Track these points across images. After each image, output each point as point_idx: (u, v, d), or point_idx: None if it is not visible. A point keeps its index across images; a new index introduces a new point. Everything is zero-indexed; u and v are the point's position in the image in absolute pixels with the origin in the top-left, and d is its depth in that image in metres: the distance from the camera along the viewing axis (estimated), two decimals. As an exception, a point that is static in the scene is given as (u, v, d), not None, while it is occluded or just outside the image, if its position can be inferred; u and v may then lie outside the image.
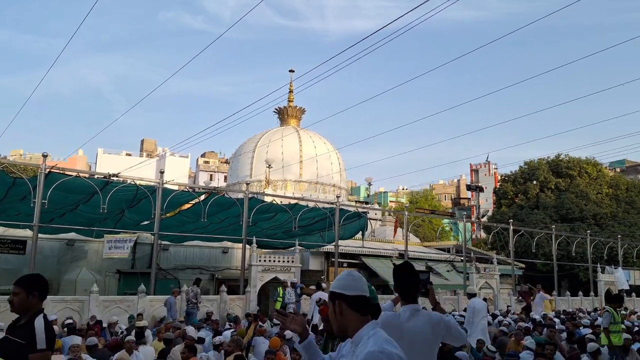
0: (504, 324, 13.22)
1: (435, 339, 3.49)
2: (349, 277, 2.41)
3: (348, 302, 2.32)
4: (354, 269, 2.45)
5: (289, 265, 17.10)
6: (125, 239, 14.75)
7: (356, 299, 2.33)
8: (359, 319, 2.32)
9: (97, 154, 65.10)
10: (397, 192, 79.77)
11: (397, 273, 3.56)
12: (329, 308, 2.40)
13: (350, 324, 2.32)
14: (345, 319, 2.33)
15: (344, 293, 2.34)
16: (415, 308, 3.47)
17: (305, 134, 34.36)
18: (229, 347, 7.89)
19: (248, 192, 17.26)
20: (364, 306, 2.35)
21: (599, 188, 37.63)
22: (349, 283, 2.38)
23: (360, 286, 2.37)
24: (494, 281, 22.47)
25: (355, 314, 2.32)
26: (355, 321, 2.32)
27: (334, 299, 2.37)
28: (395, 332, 3.31)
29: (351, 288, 2.35)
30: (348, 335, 2.33)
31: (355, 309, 2.32)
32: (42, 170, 13.13)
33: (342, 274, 2.46)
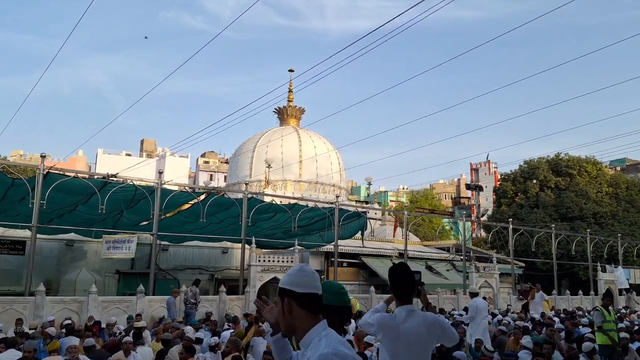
0: (503, 323, 13.20)
1: (430, 340, 3.49)
2: (300, 273, 2.21)
3: (298, 300, 2.14)
4: (306, 264, 2.29)
5: (289, 265, 17.08)
6: (125, 239, 14.74)
7: (307, 297, 2.15)
8: (310, 318, 2.14)
9: (97, 154, 65.10)
10: (397, 192, 79.79)
11: (392, 273, 3.55)
12: (277, 306, 2.23)
13: (299, 323, 2.14)
14: (294, 319, 2.15)
15: (294, 290, 2.16)
16: (410, 309, 3.47)
17: (304, 134, 34.34)
18: (227, 348, 7.88)
19: (247, 192, 17.25)
20: (316, 305, 2.17)
21: (599, 187, 37.59)
22: (299, 279, 2.19)
23: (312, 283, 2.19)
24: (494, 280, 22.47)
25: (305, 313, 2.13)
26: (305, 321, 2.13)
27: (283, 295, 2.19)
28: (391, 333, 3.32)
29: (302, 285, 2.16)
30: (296, 337, 2.18)
31: (305, 307, 2.14)
32: (41, 170, 13.13)
33: (293, 269, 2.26)
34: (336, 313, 2.31)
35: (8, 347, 7.18)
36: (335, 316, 2.30)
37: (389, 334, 3.34)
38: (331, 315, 2.26)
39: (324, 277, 23.51)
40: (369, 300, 18.61)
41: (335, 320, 2.29)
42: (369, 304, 18.38)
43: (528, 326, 13.05)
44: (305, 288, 2.16)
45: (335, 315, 2.29)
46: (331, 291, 2.38)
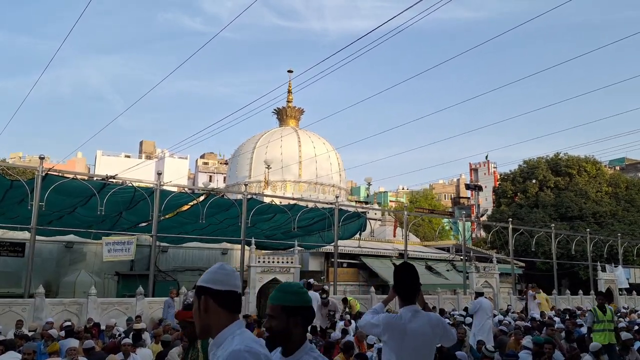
0: (504, 323, 13.18)
1: (434, 340, 3.50)
2: (220, 271, 2.13)
3: (216, 298, 2.06)
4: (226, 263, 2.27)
5: (289, 266, 17.04)
6: (124, 240, 14.71)
7: (226, 295, 2.06)
8: (226, 317, 2.06)
9: (96, 155, 65.07)
10: (397, 192, 79.76)
11: (397, 274, 3.54)
12: (194, 305, 2.12)
13: (214, 323, 2.06)
14: (210, 317, 2.06)
15: (212, 287, 2.07)
16: (415, 309, 3.47)
17: (304, 135, 34.32)
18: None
19: (247, 193, 17.21)
20: (234, 304, 2.10)
21: (599, 186, 37.57)
22: (219, 277, 2.10)
23: (232, 281, 2.11)
24: (494, 280, 22.43)
25: (222, 311, 2.06)
26: (220, 320, 2.05)
27: (200, 294, 2.09)
28: (398, 333, 3.30)
29: (221, 282, 2.08)
30: (211, 337, 2.08)
31: (223, 306, 2.06)
32: (40, 172, 13.10)
33: (213, 267, 2.18)
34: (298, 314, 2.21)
35: (7, 349, 7.14)
36: (298, 317, 2.20)
37: (395, 335, 3.32)
38: (293, 316, 2.20)
39: (323, 277, 23.47)
40: (369, 300, 18.56)
41: (298, 322, 2.21)
42: (369, 304, 18.33)
43: (529, 326, 13.05)
44: (224, 285, 2.08)
45: (297, 316, 2.21)
46: (290, 291, 2.28)
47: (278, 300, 2.24)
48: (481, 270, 22.28)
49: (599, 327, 9.66)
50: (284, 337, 2.21)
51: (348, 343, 7.97)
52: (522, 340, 9.80)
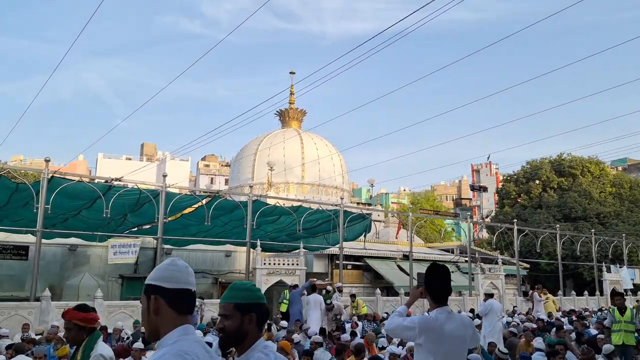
0: (513, 324, 13.11)
1: (467, 341, 3.46)
2: (172, 267, 1.93)
3: (167, 298, 1.86)
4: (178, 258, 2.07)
5: (294, 268, 16.96)
6: (130, 243, 14.63)
7: (178, 294, 1.88)
8: (176, 319, 1.87)
9: (97, 158, 65.01)
10: (398, 194, 79.67)
11: (431, 275, 3.47)
12: (142, 305, 1.92)
13: (164, 326, 1.86)
14: (161, 320, 1.86)
15: (163, 286, 1.88)
16: (448, 310, 3.40)
17: (307, 137, 34.27)
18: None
19: (252, 195, 17.14)
20: (187, 304, 1.91)
21: (602, 187, 37.47)
22: (170, 274, 1.91)
23: (185, 278, 1.93)
24: (499, 281, 22.33)
25: (172, 313, 1.86)
26: (170, 322, 1.86)
27: (150, 293, 1.90)
28: (435, 335, 3.24)
29: (173, 280, 1.89)
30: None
31: (174, 306, 1.87)
32: (45, 175, 13.04)
33: (163, 263, 1.98)
34: (252, 311, 2.10)
35: (17, 353, 7.06)
36: (252, 315, 2.09)
37: (432, 337, 3.26)
38: (247, 314, 2.09)
39: (328, 279, 23.38)
40: (375, 302, 18.48)
41: (252, 320, 2.09)
42: (374, 306, 18.25)
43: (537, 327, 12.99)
44: (178, 283, 1.90)
45: (251, 313, 2.10)
46: (242, 288, 2.16)
47: (230, 299, 2.12)
48: (487, 272, 22.19)
49: (616, 328, 9.58)
50: (238, 336, 2.07)
51: (359, 345, 7.89)
52: (533, 341, 9.73)
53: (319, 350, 8.27)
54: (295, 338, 9.68)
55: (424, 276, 3.48)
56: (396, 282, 23.16)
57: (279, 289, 19.56)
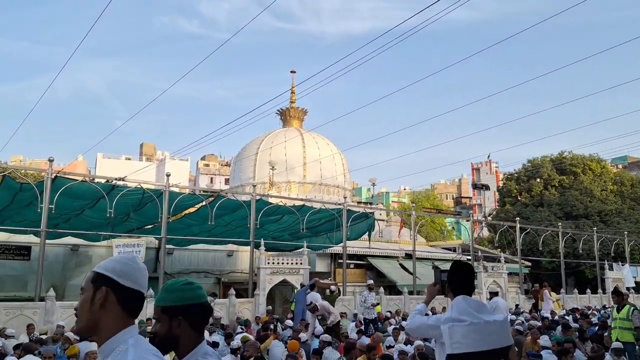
0: (518, 322, 13.09)
1: None
2: (133, 264, 1.80)
3: (119, 294, 1.73)
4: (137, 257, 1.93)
5: (298, 267, 16.94)
6: (134, 243, 14.60)
7: (131, 294, 1.75)
8: (122, 320, 1.73)
9: (97, 158, 64.91)
10: (398, 193, 79.66)
11: (456, 271, 3.41)
12: (85, 293, 1.76)
13: (106, 322, 1.71)
14: (104, 315, 1.72)
15: (118, 280, 1.74)
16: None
17: (308, 136, 34.23)
18: (247, 352, 7.74)
19: (255, 194, 17.11)
20: (136, 307, 1.78)
21: (604, 185, 37.48)
22: (129, 270, 1.77)
23: (142, 280, 1.80)
24: (502, 280, 22.33)
25: (120, 312, 1.73)
26: (114, 321, 1.72)
27: (100, 284, 1.73)
28: None
29: (130, 278, 1.76)
30: (97, 339, 1.74)
31: (124, 305, 1.73)
32: (49, 175, 12.99)
33: (122, 256, 1.86)
34: (180, 314, 1.91)
35: (25, 353, 7.03)
36: (180, 318, 1.91)
37: None
38: (174, 317, 1.91)
39: (330, 278, 23.35)
40: (379, 301, 18.46)
41: (181, 323, 1.91)
42: (378, 305, 18.23)
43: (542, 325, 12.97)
44: (132, 282, 1.77)
45: (179, 316, 1.91)
46: (170, 289, 1.97)
47: (158, 302, 1.98)
48: (489, 270, 22.19)
49: (613, 325, 9.64)
50: (169, 341, 1.91)
51: (370, 345, 7.86)
52: (539, 339, 9.70)
53: (328, 349, 8.25)
54: (302, 337, 9.65)
55: (448, 273, 3.43)
56: (399, 280, 23.16)
57: (282, 288, 19.55)
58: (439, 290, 3.51)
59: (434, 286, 3.57)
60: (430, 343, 9.33)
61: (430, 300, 3.83)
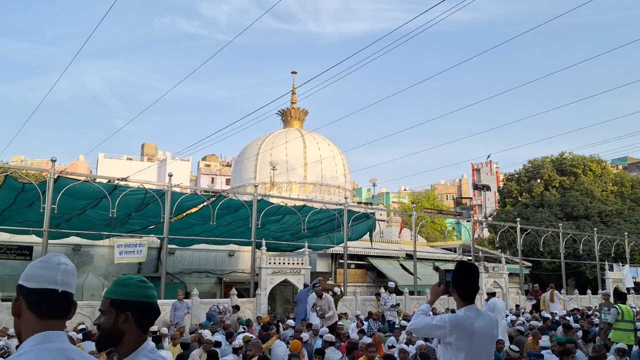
0: (519, 323, 13.12)
1: (495, 338, 3.46)
2: (39, 264, 1.72)
3: (27, 299, 1.66)
4: (60, 255, 1.87)
5: (299, 267, 16.97)
6: (136, 243, 14.63)
7: (37, 294, 1.66)
8: (35, 324, 1.65)
9: (98, 158, 64.93)
10: (399, 193, 79.67)
11: (459, 273, 3.45)
12: (12, 306, 1.73)
13: (24, 330, 1.66)
14: (22, 324, 1.67)
15: (25, 285, 1.67)
16: (476, 308, 3.40)
17: (309, 136, 34.27)
18: (250, 351, 7.78)
19: (257, 195, 17.15)
20: (48, 306, 1.67)
21: (604, 185, 37.49)
22: (34, 271, 1.69)
23: (50, 276, 1.69)
24: (503, 280, 22.35)
25: (32, 316, 1.65)
26: (29, 326, 1.65)
27: (17, 293, 1.70)
28: (467, 333, 3.24)
29: (35, 278, 1.67)
30: None
31: (33, 308, 1.65)
32: (51, 175, 13.03)
33: (37, 259, 1.77)
34: (128, 309, 1.86)
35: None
36: (128, 313, 1.86)
37: (464, 335, 3.27)
38: (122, 312, 1.87)
39: (331, 278, 23.38)
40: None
41: (128, 319, 1.86)
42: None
43: (544, 326, 13.01)
44: (39, 282, 1.67)
45: (127, 312, 1.87)
46: (123, 283, 1.94)
47: (108, 294, 1.93)
48: (490, 271, 22.21)
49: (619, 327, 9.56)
50: (112, 336, 1.87)
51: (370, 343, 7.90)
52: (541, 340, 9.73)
53: (330, 349, 8.29)
54: (304, 337, 9.69)
55: (453, 274, 3.47)
56: (399, 281, 23.17)
57: (282, 288, 19.58)
58: (443, 290, 3.53)
59: (438, 286, 3.59)
60: (431, 343, 9.38)
61: (434, 300, 3.85)
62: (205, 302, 15.10)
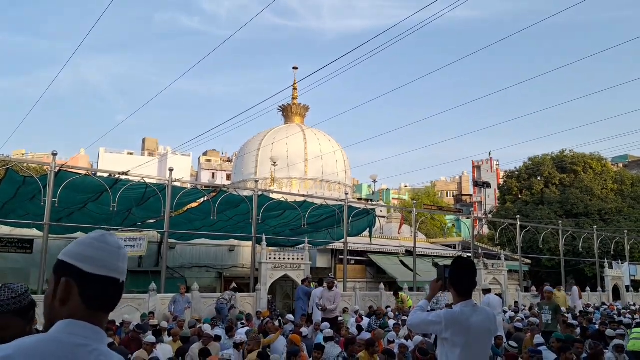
0: (517, 320, 13.18)
1: (492, 334, 3.48)
2: (98, 244, 1.41)
3: (82, 285, 1.36)
4: (111, 234, 1.46)
5: (299, 262, 17.04)
6: (136, 237, 14.68)
7: (95, 282, 1.37)
8: (80, 314, 1.35)
9: (99, 153, 64.96)
10: (399, 190, 79.68)
11: (457, 268, 3.47)
12: (49, 286, 1.40)
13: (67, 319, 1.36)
14: (65, 312, 1.35)
15: (81, 268, 1.37)
16: (472, 304, 3.42)
17: (310, 132, 34.26)
18: (249, 345, 7.83)
19: (257, 190, 17.18)
20: (105, 297, 1.40)
21: (604, 183, 37.50)
22: (93, 253, 1.39)
23: (112, 262, 1.41)
24: (502, 277, 22.42)
25: (80, 305, 1.36)
26: (72, 317, 1.35)
27: (61, 273, 1.39)
28: (463, 329, 3.27)
29: (95, 262, 1.38)
30: None
31: (86, 296, 1.36)
32: (52, 168, 13.06)
33: (88, 236, 1.46)
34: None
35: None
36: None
37: (460, 330, 3.29)
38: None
39: (331, 274, 23.39)
40: (379, 297, 18.56)
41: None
42: (378, 301, 18.33)
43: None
44: (97, 267, 1.38)
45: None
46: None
47: None
48: (489, 267, 22.27)
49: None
50: None
51: (371, 340, 7.94)
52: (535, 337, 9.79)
53: (330, 344, 8.33)
54: (303, 332, 9.75)
55: (450, 270, 3.48)
56: (399, 277, 23.22)
57: (283, 283, 19.63)
58: (441, 286, 3.55)
59: (436, 282, 3.61)
60: (430, 339, 9.43)
61: (433, 296, 3.87)
62: (205, 297, 15.16)
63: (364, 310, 16.40)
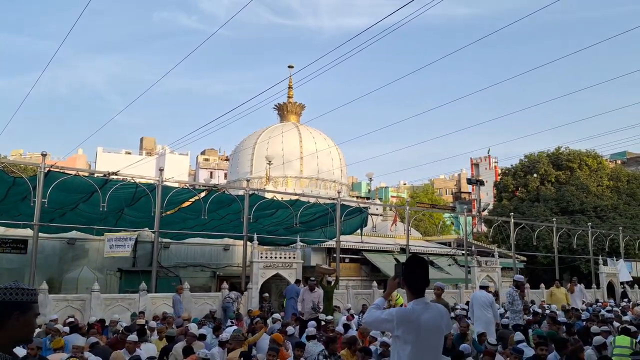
0: (505, 317, 13.20)
1: (444, 330, 3.52)
2: None
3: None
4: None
5: (291, 261, 17.08)
6: (126, 237, 14.74)
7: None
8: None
9: (97, 152, 64.97)
10: (397, 187, 79.71)
11: (409, 267, 3.50)
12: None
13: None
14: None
15: None
16: (425, 302, 3.46)
17: (305, 130, 34.30)
18: (230, 345, 7.90)
19: (249, 189, 17.22)
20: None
21: (600, 180, 37.51)
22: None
23: None
24: (496, 274, 22.47)
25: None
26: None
27: None
28: (413, 326, 3.32)
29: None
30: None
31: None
32: (42, 169, 13.11)
33: None
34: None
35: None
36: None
37: (410, 328, 3.33)
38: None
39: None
40: (372, 295, 18.61)
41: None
42: (371, 299, 18.36)
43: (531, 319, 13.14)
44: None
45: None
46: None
47: None
48: (483, 265, 22.32)
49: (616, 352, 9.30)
50: None
51: (352, 338, 7.99)
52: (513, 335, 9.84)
53: (311, 342, 8.39)
54: (289, 330, 9.80)
55: (403, 268, 3.53)
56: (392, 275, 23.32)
57: (277, 282, 19.68)
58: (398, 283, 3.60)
59: (393, 280, 3.66)
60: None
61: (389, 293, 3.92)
62: (195, 296, 15.22)
63: (357, 309, 16.45)
